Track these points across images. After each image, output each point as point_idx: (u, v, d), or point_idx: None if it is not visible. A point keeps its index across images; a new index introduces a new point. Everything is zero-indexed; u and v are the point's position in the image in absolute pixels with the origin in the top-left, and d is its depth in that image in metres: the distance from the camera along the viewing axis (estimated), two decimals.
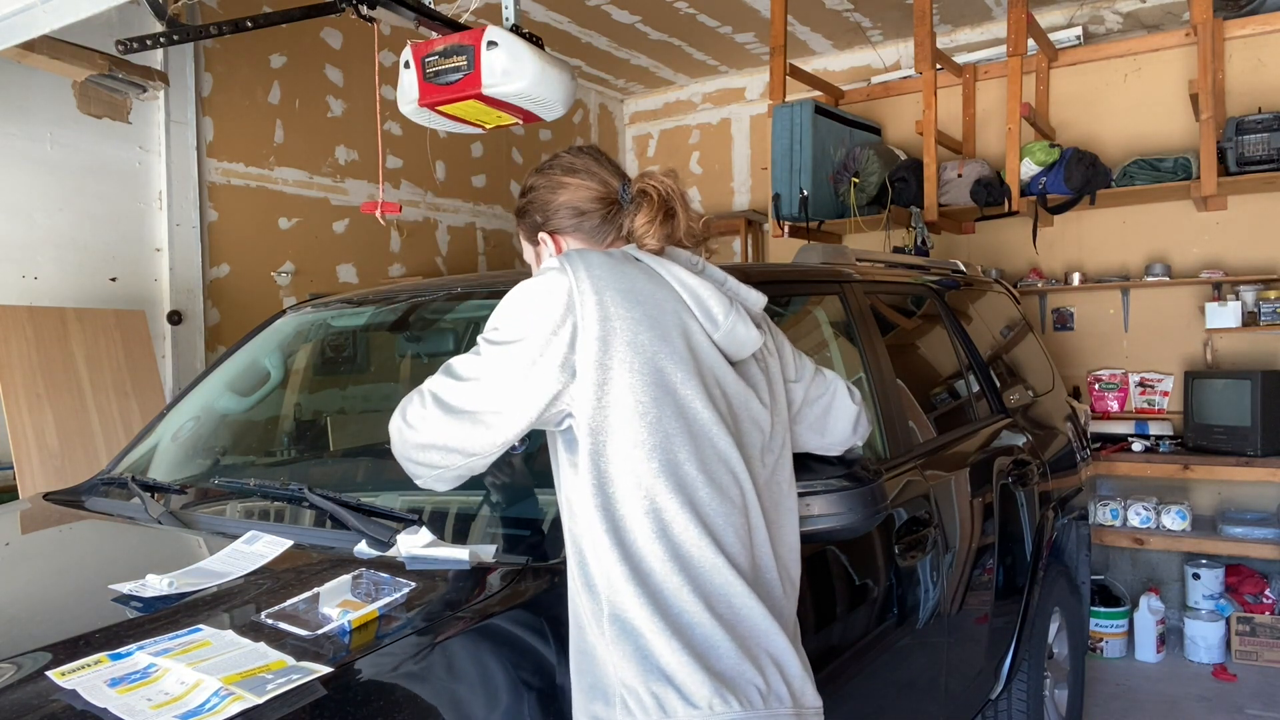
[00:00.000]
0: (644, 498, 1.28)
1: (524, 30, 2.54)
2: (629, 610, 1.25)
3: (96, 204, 4.11)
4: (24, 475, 3.34)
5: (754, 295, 1.52)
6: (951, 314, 3.08)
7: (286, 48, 4.88)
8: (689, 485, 1.30)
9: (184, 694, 1.14)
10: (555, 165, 1.55)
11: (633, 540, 1.27)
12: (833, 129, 4.96)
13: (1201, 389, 4.37)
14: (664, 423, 1.30)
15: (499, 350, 1.33)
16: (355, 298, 2.60)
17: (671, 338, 1.34)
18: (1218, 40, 4.30)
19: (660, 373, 1.31)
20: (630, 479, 1.28)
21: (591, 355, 1.30)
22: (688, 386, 1.33)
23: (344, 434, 2.52)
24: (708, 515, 1.30)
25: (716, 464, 1.33)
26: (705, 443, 1.33)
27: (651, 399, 1.30)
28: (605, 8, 5.36)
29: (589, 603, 1.29)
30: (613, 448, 1.29)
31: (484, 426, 1.32)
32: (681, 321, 1.37)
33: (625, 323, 1.31)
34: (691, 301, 1.39)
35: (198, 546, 1.76)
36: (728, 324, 1.40)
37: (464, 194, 6.00)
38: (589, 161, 1.53)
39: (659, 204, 1.47)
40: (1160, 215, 4.73)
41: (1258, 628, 4.18)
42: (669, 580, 1.26)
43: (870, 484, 1.62)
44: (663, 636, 1.23)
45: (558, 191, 1.51)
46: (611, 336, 1.30)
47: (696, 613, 1.26)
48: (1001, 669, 2.74)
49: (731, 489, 1.34)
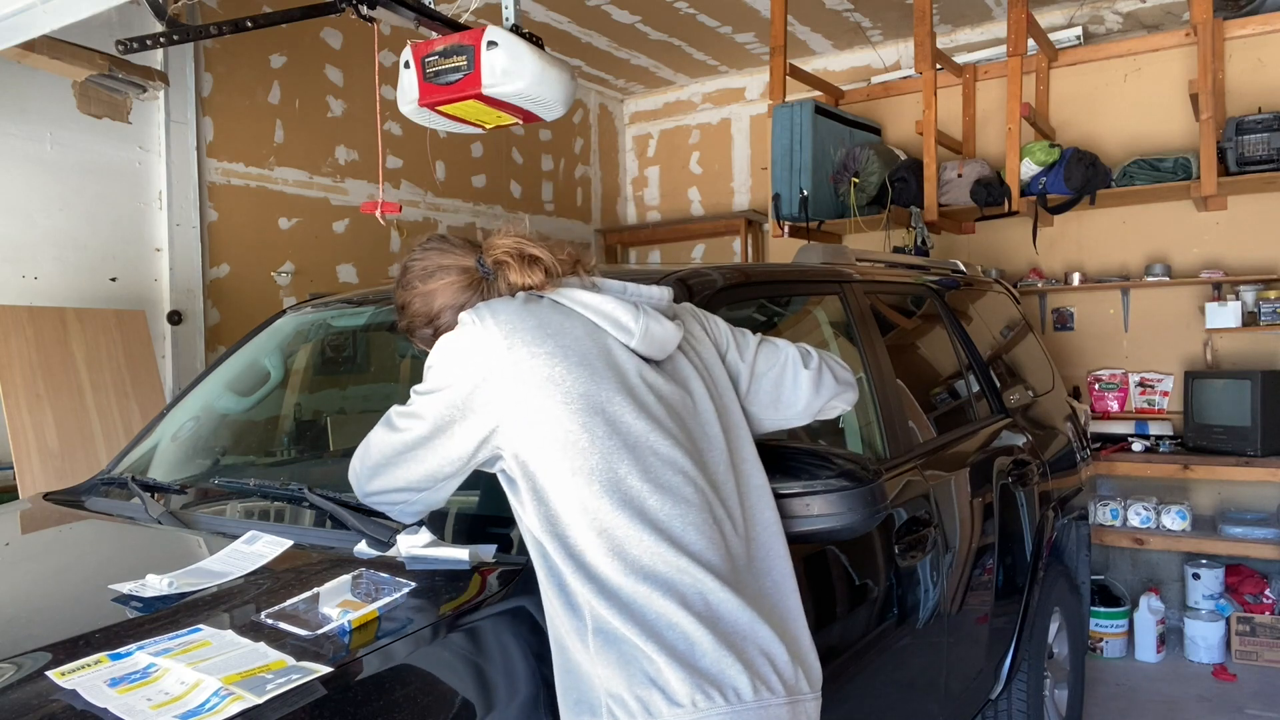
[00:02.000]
0: (591, 521, 1.31)
1: (524, 30, 2.54)
2: (609, 623, 1.27)
3: (96, 204, 4.11)
4: (24, 475, 3.34)
5: (656, 291, 1.55)
6: (951, 314, 3.08)
7: (286, 48, 4.88)
8: (635, 498, 1.32)
9: (184, 694, 1.14)
10: (412, 276, 1.56)
11: (591, 562, 1.30)
12: (833, 129, 4.96)
13: (1201, 389, 4.37)
14: (597, 444, 1.34)
15: (426, 400, 1.42)
16: (355, 298, 2.60)
17: (590, 360, 1.39)
18: (1218, 40, 4.30)
19: (583, 397, 1.36)
20: (575, 506, 1.32)
21: (512, 396, 1.36)
22: (614, 403, 1.37)
23: (344, 434, 2.52)
24: (661, 522, 1.32)
25: (662, 469, 1.36)
26: (645, 452, 1.36)
27: (580, 425, 1.34)
28: (605, 8, 5.36)
29: (570, 621, 1.31)
30: (551, 481, 1.34)
31: (420, 465, 1.43)
32: (597, 341, 1.42)
33: (539, 359, 1.37)
34: (598, 318, 1.45)
35: (198, 546, 1.76)
36: (640, 327, 1.45)
37: (464, 194, 6.00)
38: (436, 256, 1.55)
39: (518, 260, 1.50)
40: (1160, 215, 4.73)
41: (1258, 628, 4.18)
42: (636, 591, 1.28)
43: (870, 484, 1.62)
44: (642, 640, 1.25)
45: (430, 299, 1.54)
46: (527, 375, 1.36)
47: (671, 613, 1.27)
48: (1001, 669, 2.74)
49: (685, 489, 1.36)
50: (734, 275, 2.11)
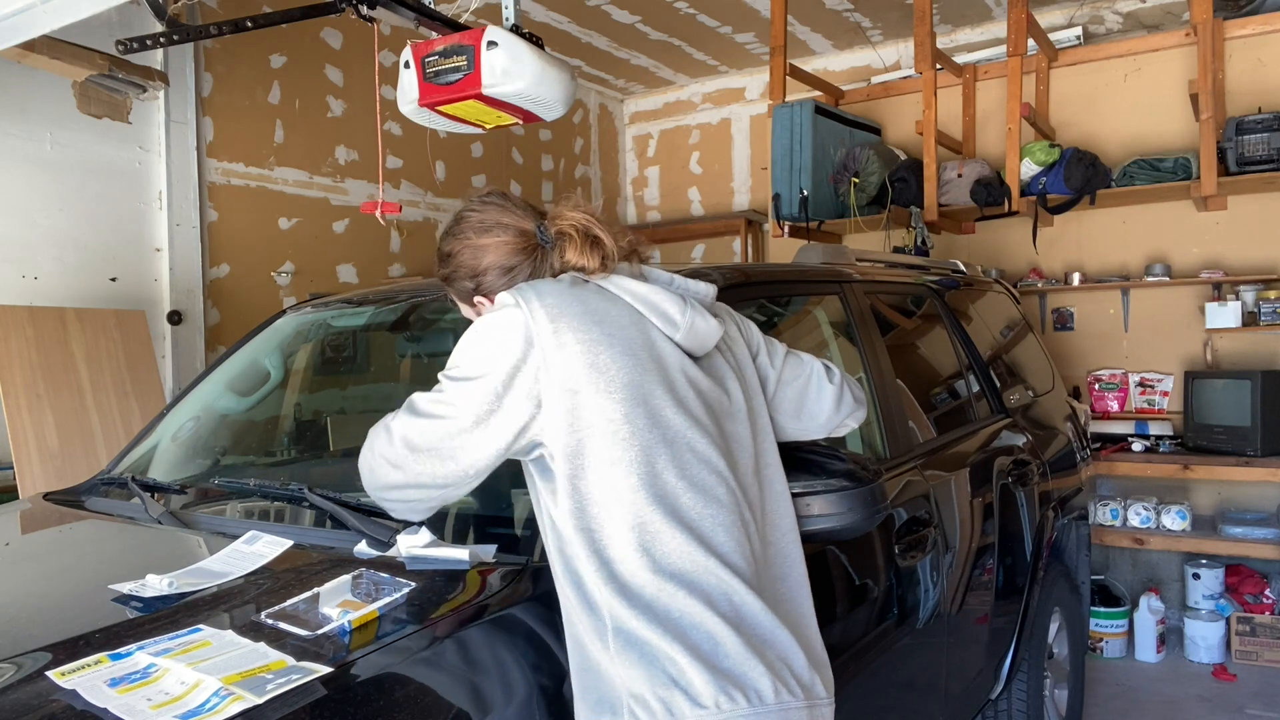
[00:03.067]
0: (626, 515, 1.28)
1: (524, 30, 2.54)
2: (629, 623, 1.25)
3: (96, 204, 4.11)
4: (24, 475, 3.34)
5: (703, 286, 1.53)
6: (951, 314, 3.08)
7: (286, 48, 4.88)
8: (670, 494, 1.30)
9: (184, 694, 1.14)
10: (466, 227, 1.50)
11: (616, 558, 1.28)
12: (833, 129, 4.96)
13: (1201, 389, 4.37)
14: (638, 436, 1.31)
15: (461, 386, 1.34)
16: (355, 298, 2.60)
17: (634, 350, 1.36)
18: (1218, 40, 4.30)
19: (627, 387, 1.32)
20: (610, 498, 1.29)
21: (556, 383, 1.31)
22: (656, 395, 1.34)
23: (344, 434, 2.52)
24: (693, 521, 1.30)
25: (698, 467, 1.34)
26: (683, 448, 1.34)
27: (623, 415, 1.31)
28: (605, 8, 5.36)
29: (589, 620, 1.29)
30: (589, 470, 1.30)
31: (452, 461, 1.34)
32: (642, 332, 1.38)
33: (585, 345, 1.33)
34: (646, 309, 1.41)
35: (198, 546, 1.76)
36: (686, 321, 1.41)
37: (464, 194, 5.96)
38: (496, 212, 1.49)
39: (582, 238, 1.46)
40: (1160, 215, 4.73)
41: (1258, 628, 4.18)
42: (661, 589, 1.26)
43: (870, 484, 1.62)
44: (665, 640, 1.24)
45: (479, 255, 1.48)
46: (572, 361, 1.31)
47: (697, 613, 1.26)
48: (1001, 669, 2.74)
49: (718, 489, 1.34)
50: (734, 275, 2.10)
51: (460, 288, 1.52)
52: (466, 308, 1.56)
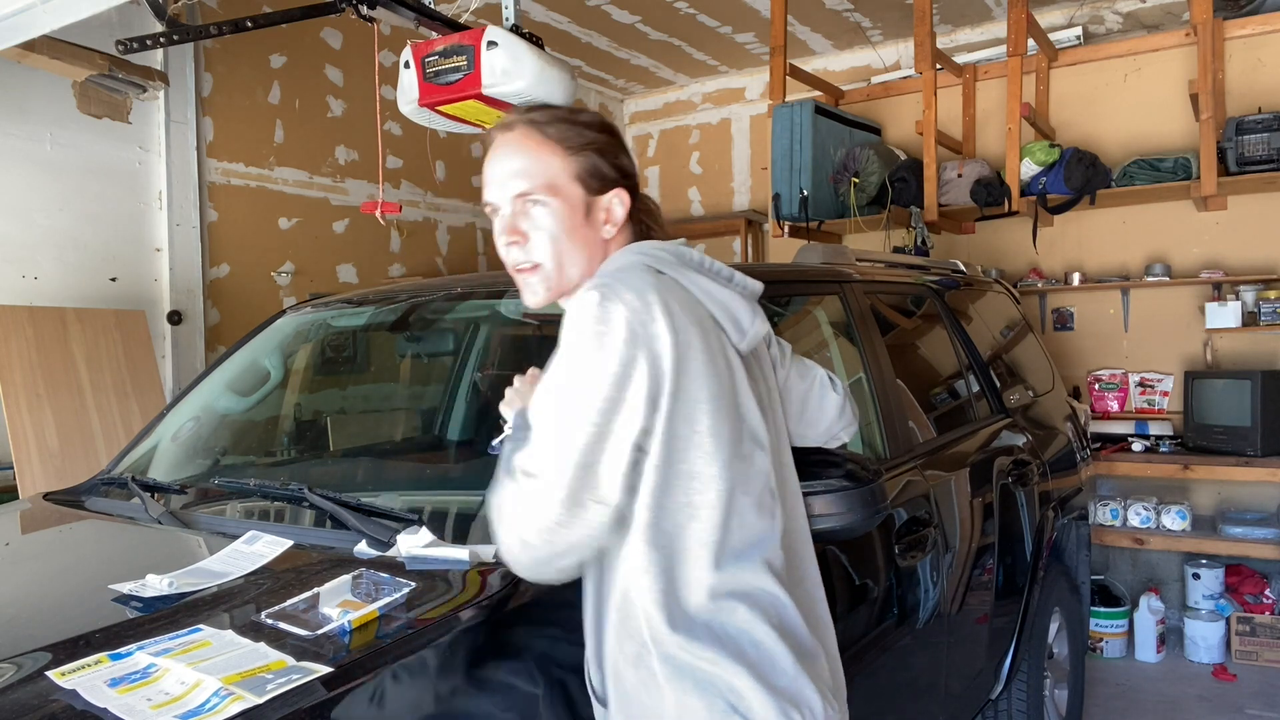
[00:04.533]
0: (701, 528, 1.21)
1: (524, 30, 2.54)
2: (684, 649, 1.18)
3: (96, 204, 4.11)
4: (24, 475, 3.34)
5: (755, 284, 1.46)
6: (951, 314, 3.08)
7: (286, 48, 4.88)
8: (739, 509, 1.23)
9: (184, 694, 1.14)
10: (616, 131, 1.39)
11: (685, 572, 1.20)
12: (833, 129, 4.96)
13: (1201, 389, 4.37)
14: (720, 450, 1.23)
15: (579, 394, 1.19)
16: (355, 298, 2.60)
17: (714, 354, 1.27)
18: (1218, 40, 4.30)
19: (717, 397, 1.24)
20: (684, 512, 1.21)
21: (667, 385, 1.19)
22: (736, 406, 1.27)
23: (344, 434, 2.52)
24: (754, 537, 1.25)
25: (756, 478, 1.28)
26: (749, 463, 1.27)
27: (708, 427, 1.22)
28: (605, 8, 5.35)
29: (632, 649, 1.22)
30: (673, 480, 1.21)
31: (601, 506, 1.18)
32: (716, 335, 1.30)
33: (694, 349, 1.23)
34: (719, 312, 1.32)
35: (198, 546, 1.76)
36: (754, 331, 1.34)
37: (464, 194, 5.99)
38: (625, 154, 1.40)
39: (653, 204, 1.45)
40: (1160, 215, 4.73)
41: (1258, 628, 4.18)
42: (720, 607, 1.20)
43: (870, 484, 1.62)
44: (722, 661, 1.18)
45: (620, 157, 1.36)
46: (687, 365, 1.21)
47: (755, 628, 1.20)
48: (1001, 669, 2.74)
49: (770, 502, 1.29)
50: None
51: (590, 164, 1.34)
52: (568, 195, 1.33)
